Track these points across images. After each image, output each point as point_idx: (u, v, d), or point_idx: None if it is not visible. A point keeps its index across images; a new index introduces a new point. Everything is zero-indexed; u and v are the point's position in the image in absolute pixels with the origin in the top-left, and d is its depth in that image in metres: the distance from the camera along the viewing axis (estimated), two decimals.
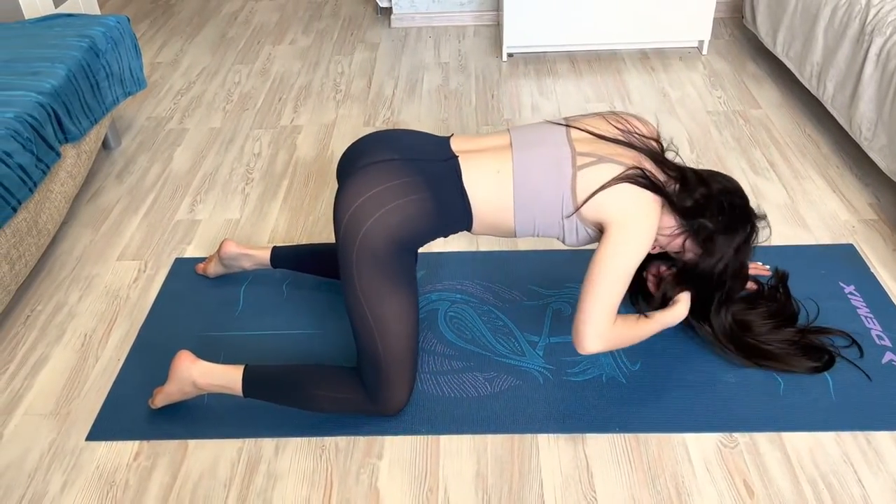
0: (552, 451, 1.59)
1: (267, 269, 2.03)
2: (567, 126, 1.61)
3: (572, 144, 1.56)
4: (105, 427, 1.68)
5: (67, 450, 1.64)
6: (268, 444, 1.63)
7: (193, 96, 3.11)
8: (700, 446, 1.59)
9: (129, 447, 1.64)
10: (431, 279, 2.05)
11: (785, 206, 2.30)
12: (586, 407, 1.68)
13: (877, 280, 1.99)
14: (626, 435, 1.62)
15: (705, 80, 3.07)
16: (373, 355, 1.54)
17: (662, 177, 1.57)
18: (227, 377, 1.63)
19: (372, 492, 1.53)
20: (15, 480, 1.58)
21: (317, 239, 2.25)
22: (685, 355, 1.79)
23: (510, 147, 1.59)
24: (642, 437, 1.62)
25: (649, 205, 1.51)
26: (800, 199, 2.33)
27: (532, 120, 2.82)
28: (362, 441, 1.63)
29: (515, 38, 3.22)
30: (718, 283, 1.63)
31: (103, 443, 1.65)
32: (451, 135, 1.67)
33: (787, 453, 1.57)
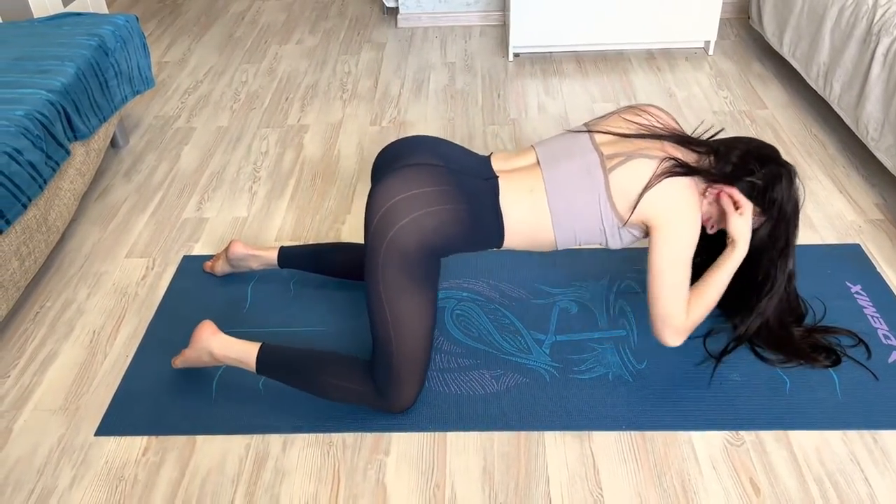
0: (558, 449, 1.60)
1: (274, 268, 2.04)
2: (589, 131, 1.62)
3: (599, 149, 1.57)
4: (114, 422, 1.69)
5: (76, 445, 1.65)
6: (275, 440, 1.64)
7: (201, 95, 3.12)
8: (706, 444, 1.59)
9: (138, 442, 1.65)
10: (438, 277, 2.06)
11: None
12: (592, 405, 1.68)
13: (883, 280, 1.99)
14: (632, 433, 1.62)
15: (711, 80, 3.07)
16: (386, 351, 1.55)
17: (693, 156, 1.59)
18: (244, 352, 1.66)
19: (379, 488, 1.54)
20: (24, 475, 1.59)
21: (323, 238, 2.26)
22: (691, 354, 1.79)
23: (538, 164, 1.60)
24: (649, 434, 1.62)
25: (688, 194, 1.51)
26: (806, 200, 2.33)
27: (538, 120, 2.83)
28: (370, 437, 1.64)
29: (522, 38, 3.23)
30: (785, 234, 1.62)
31: (112, 438, 1.66)
32: (491, 153, 1.69)
33: (794, 452, 1.57)
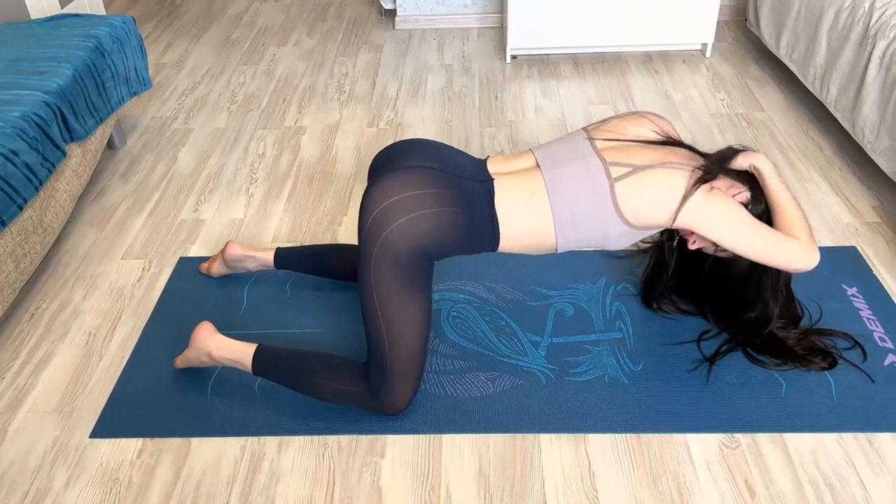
0: (554, 451, 1.60)
1: (271, 269, 2.04)
2: (589, 136, 1.63)
3: (601, 154, 1.57)
4: (109, 424, 1.69)
5: (71, 447, 1.65)
6: (271, 442, 1.64)
7: (198, 97, 3.12)
8: (702, 447, 1.59)
9: (133, 444, 1.64)
10: (435, 279, 2.06)
11: None
12: (588, 407, 1.68)
13: (879, 282, 1.99)
14: (627, 435, 1.62)
15: (708, 82, 3.08)
16: (380, 353, 1.55)
17: (700, 161, 1.61)
18: (240, 353, 1.67)
19: (374, 490, 1.54)
20: (19, 477, 1.59)
21: (320, 239, 2.26)
22: (687, 356, 1.79)
23: (538, 168, 1.60)
24: (644, 437, 1.62)
25: (693, 180, 1.53)
26: (803, 202, 2.33)
27: (535, 122, 2.83)
28: (365, 439, 1.64)
29: (519, 40, 3.23)
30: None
31: (107, 440, 1.66)
32: (488, 157, 1.69)
33: (789, 454, 1.57)
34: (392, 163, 1.61)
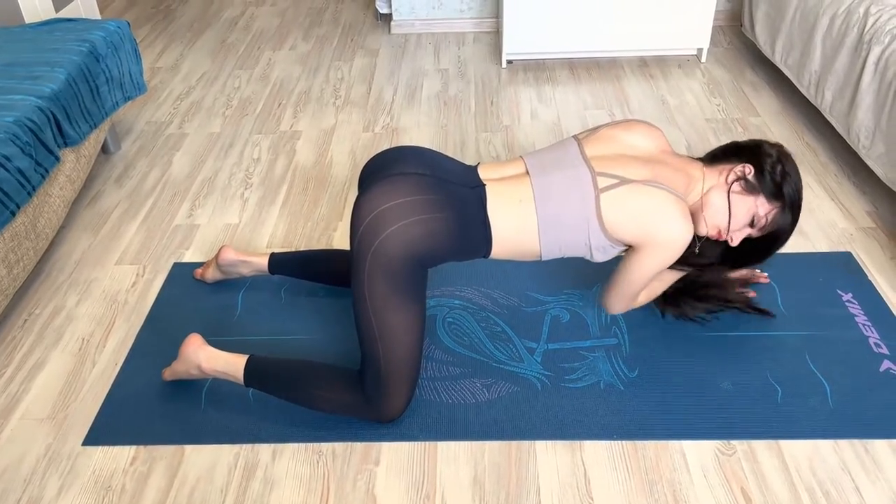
0: (550, 458, 1.59)
1: (265, 275, 2.03)
2: (579, 145, 1.63)
3: (589, 163, 1.57)
4: (102, 431, 1.67)
5: (64, 454, 1.63)
6: (265, 450, 1.63)
7: (193, 101, 3.11)
8: (698, 453, 1.59)
9: (126, 452, 1.63)
10: (430, 285, 2.05)
11: None
12: (584, 414, 1.67)
13: (874, 288, 1.99)
14: (623, 442, 1.62)
15: (704, 87, 3.08)
16: (374, 361, 1.54)
17: (687, 163, 1.61)
18: (231, 365, 1.65)
19: (369, 498, 1.53)
20: (11, 485, 1.57)
21: (315, 244, 2.25)
22: (683, 362, 1.79)
23: (527, 175, 1.60)
24: (640, 444, 1.61)
25: (678, 216, 1.52)
26: None
27: (531, 127, 2.83)
28: (359, 447, 1.63)
29: (515, 45, 3.23)
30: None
31: (100, 447, 1.64)
32: (479, 163, 1.69)
33: (785, 461, 1.57)
34: (383, 170, 1.60)
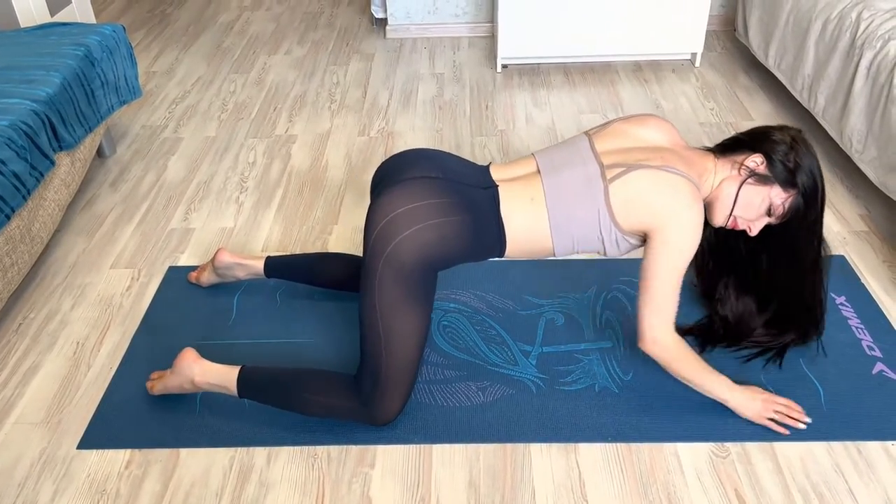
0: (544, 461, 1.60)
1: (261, 278, 2.03)
2: (590, 140, 1.63)
3: (599, 159, 1.57)
4: (96, 435, 1.67)
5: (58, 458, 1.63)
6: (260, 453, 1.63)
7: (188, 105, 3.11)
8: (692, 456, 1.60)
9: (121, 456, 1.63)
10: None
11: None
12: (579, 416, 1.68)
13: (867, 291, 2.00)
14: (618, 444, 1.62)
15: (698, 91, 3.10)
16: (375, 364, 1.54)
17: (699, 156, 1.60)
18: (224, 377, 1.64)
19: (364, 501, 1.53)
20: (5, 489, 1.57)
21: (310, 248, 2.25)
22: None
23: (538, 173, 1.60)
24: (634, 446, 1.62)
25: (688, 196, 1.51)
26: None
27: (526, 131, 2.84)
28: (355, 450, 1.63)
29: (510, 49, 3.24)
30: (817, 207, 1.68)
31: (94, 451, 1.64)
32: (490, 163, 1.69)
33: (779, 463, 1.57)
34: (396, 174, 1.61)
